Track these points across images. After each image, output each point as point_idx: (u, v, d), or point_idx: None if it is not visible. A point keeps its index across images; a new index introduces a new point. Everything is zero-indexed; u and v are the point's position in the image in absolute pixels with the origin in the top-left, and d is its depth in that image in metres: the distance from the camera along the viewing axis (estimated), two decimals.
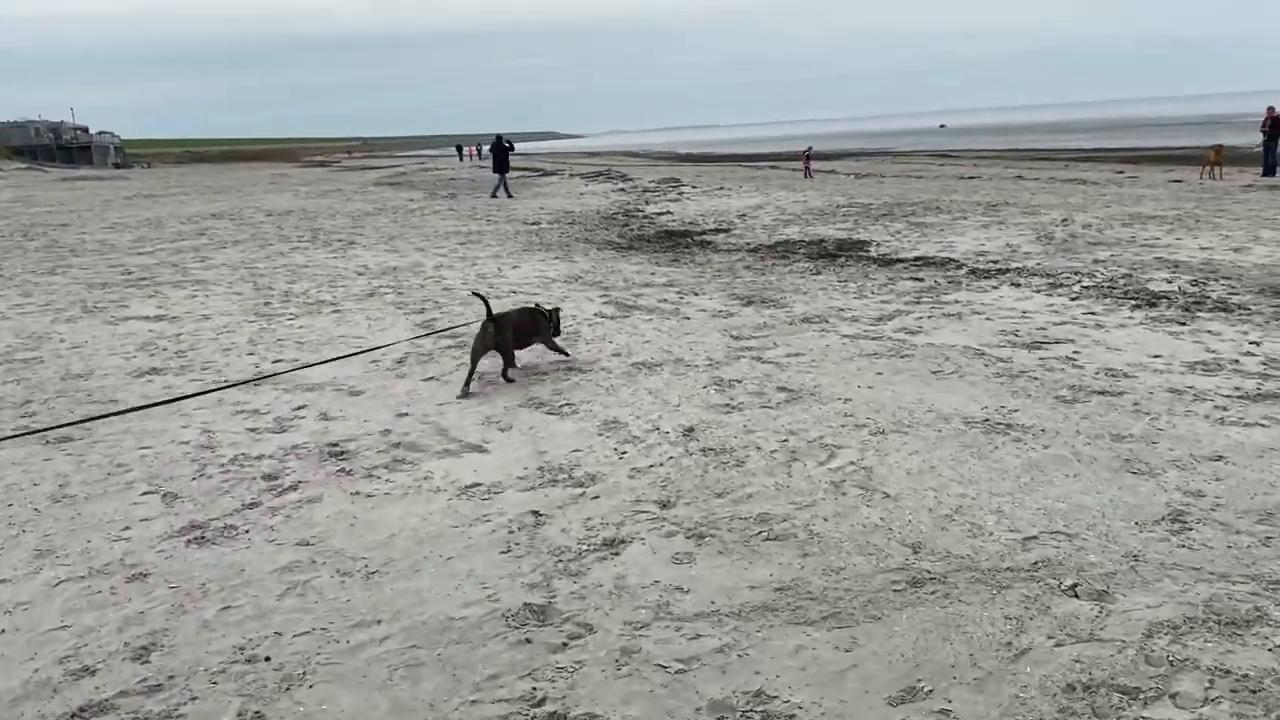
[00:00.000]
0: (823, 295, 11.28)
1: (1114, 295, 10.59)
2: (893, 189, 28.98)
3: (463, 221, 24.19)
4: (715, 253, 16.61)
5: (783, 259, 15.23)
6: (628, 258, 16.22)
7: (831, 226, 19.47)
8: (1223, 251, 13.80)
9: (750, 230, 19.97)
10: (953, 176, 35.61)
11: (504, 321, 7.48)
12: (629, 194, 31.72)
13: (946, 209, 21.44)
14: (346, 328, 10.03)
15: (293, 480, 5.63)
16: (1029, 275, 12.27)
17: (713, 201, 26.89)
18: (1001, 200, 23.25)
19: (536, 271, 14.56)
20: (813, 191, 28.44)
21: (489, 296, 11.22)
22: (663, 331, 9.17)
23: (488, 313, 7.42)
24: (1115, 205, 21.40)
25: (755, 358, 7.91)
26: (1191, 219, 17.89)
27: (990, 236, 16.60)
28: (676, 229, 20.86)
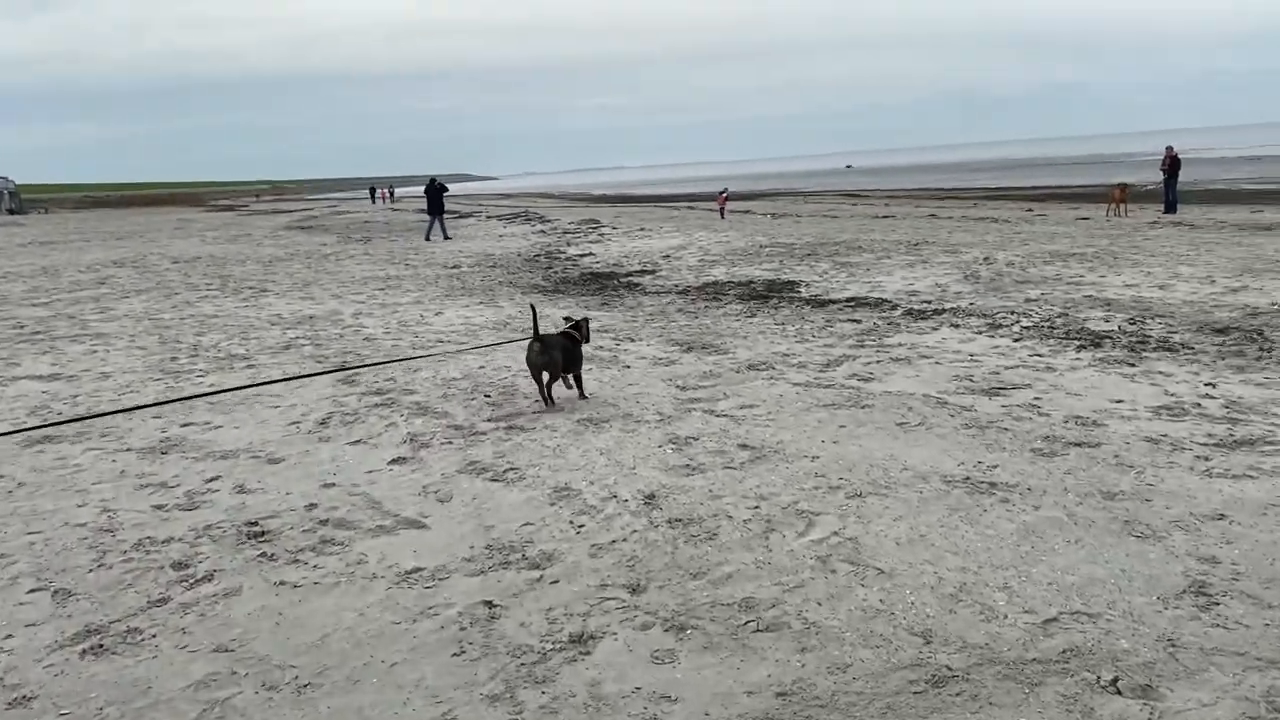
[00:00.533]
0: (763, 339, 10.91)
1: (1056, 335, 10.43)
2: (811, 229, 29.06)
3: (379, 266, 23.42)
4: (644, 295, 16.22)
5: (714, 301, 14.89)
6: (555, 301, 15.70)
7: (757, 267, 19.26)
8: (1148, 289, 13.88)
9: (676, 271, 19.65)
10: (867, 216, 36.01)
11: (550, 342, 7.63)
12: (549, 235, 31.27)
13: (869, 248, 21.44)
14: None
15: (207, 569, 4.95)
16: (965, 315, 12.11)
17: (635, 242, 26.57)
18: (920, 239, 23.38)
19: (461, 318, 13.95)
20: (733, 232, 28.34)
21: (415, 348, 10.81)
22: (604, 383, 8.67)
23: (535, 331, 7.66)
24: (1032, 243, 21.65)
25: (708, 410, 7.45)
26: (1110, 256, 18.11)
27: (917, 276, 16.53)
28: (601, 271, 20.45)
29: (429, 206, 31.84)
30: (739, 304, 14.43)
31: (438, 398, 8.20)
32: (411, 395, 8.45)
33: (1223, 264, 16.11)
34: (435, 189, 31.87)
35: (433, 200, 31.56)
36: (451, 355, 9.56)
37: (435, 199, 31.54)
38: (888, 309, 13.13)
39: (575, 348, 7.91)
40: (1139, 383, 8.04)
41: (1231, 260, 16.56)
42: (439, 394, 8.38)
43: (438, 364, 9.88)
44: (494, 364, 9.75)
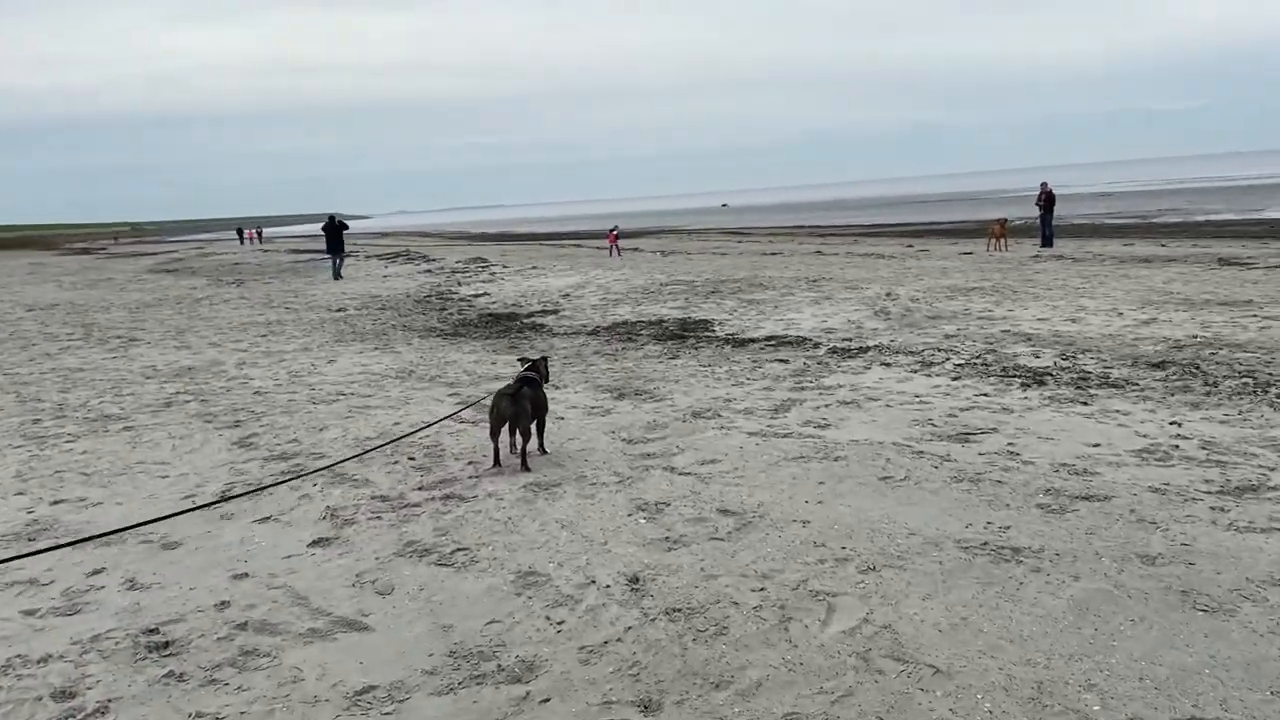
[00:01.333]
0: (696, 383, 10.27)
1: (994, 373, 10.11)
2: (706, 265, 28.78)
3: (257, 310, 21.99)
4: (553, 336, 15.44)
5: (628, 341, 14.22)
6: (458, 346, 14.78)
7: (663, 305, 18.71)
8: (1061, 323, 13.82)
9: (580, 311, 18.95)
10: (756, 253, 36.05)
11: (519, 392, 6.86)
12: (437, 275, 30.17)
13: (770, 285, 21.17)
14: (145, 450, 8.13)
15: (99, 698, 3.96)
16: (891, 353, 11.75)
17: (529, 281, 25.78)
18: (818, 275, 23.29)
19: (359, 366, 12.91)
20: (629, 269, 27.82)
21: (314, 401, 9.74)
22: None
23: (516, 383, 6.95)
24: (927, 278, 21.74)
25: (667, 468, 6.73)
26: (1009, 290, 18.20)
27: (827, 313, 16.22)
28: (501, 312, 19.59)
29: (328, 245, 30.87)
30: (656, 344, 13.79)
31: (352, 461, 7.25)
32: (321, 459, 7.46)
33: (1121, 296, 16.31)
34: (335, 227, 30.98)
35: (332, 239, 30.68)
36: (418, 430, 8.57)
37: (335, 237, 30.68)
38: (810, 347, 12.69)
39: (540, 393, 7.21)
40: (1104, 423, 7.68)
41: (1128, 293, 16.81)
42: (358, 460, 7.43)
43: (344, 419, 8.90)
44: (409, 418, 8.82)
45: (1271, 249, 25.78)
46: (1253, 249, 26.01)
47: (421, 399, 9.76)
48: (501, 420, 6.90)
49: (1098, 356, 10.87)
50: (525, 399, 6.93)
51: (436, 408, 9.21)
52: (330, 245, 30.87)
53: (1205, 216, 47.74)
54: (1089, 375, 9.80)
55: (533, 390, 7.08)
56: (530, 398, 6.99)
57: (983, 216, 63.32)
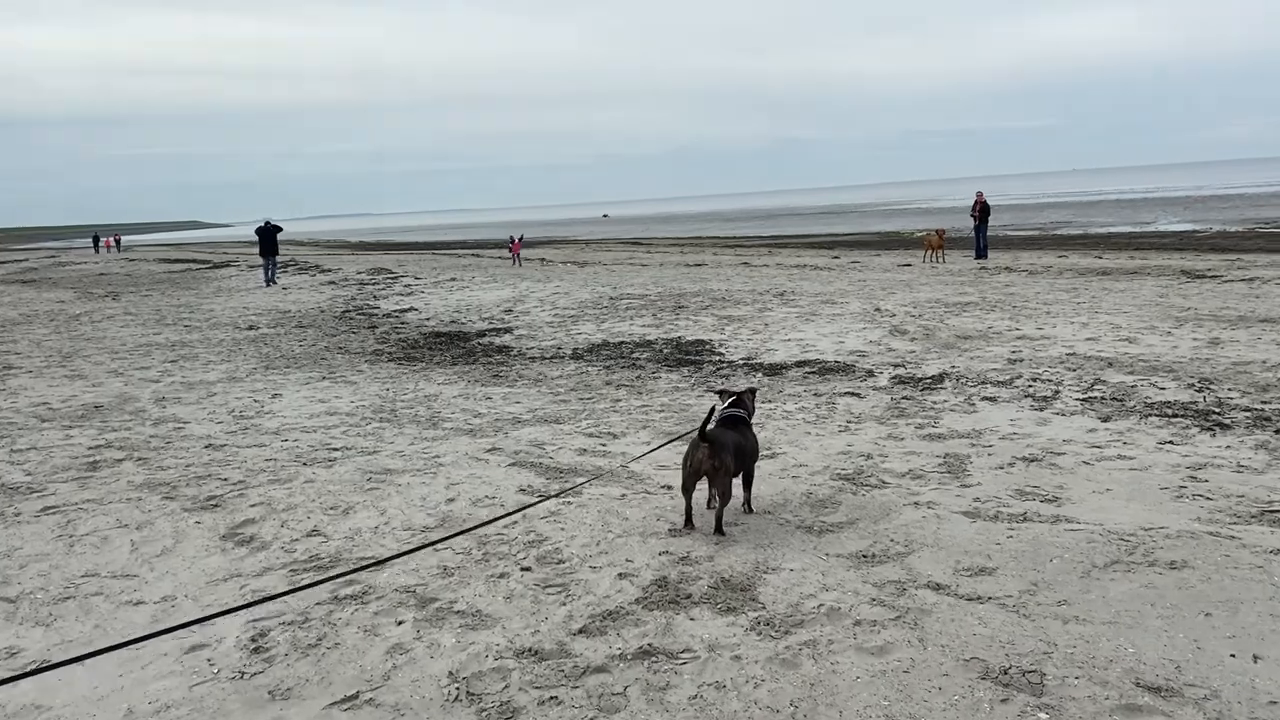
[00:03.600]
0: (784, 426, 8.28)
1: (1141, 411, 8.40)
2: (637, 278, 26.80)
3: (151, 327, 18.95)
4: (531, 361, 13.23)
5: (632, 368, 12.14)
6: (424, 374, 12.42)
7: (632, 323, 16.68)
8: (1115, 342, 12.45)
9: (536, 329, 16.75)
10: (678, 264, 34.27)
11: (722, 440, 5.33)
12: (343, 287, 27.33)
13: (734, 299, 19.37)
14: (90, 551, 5.60)
15: None
16: (971, 384, 10.04)
17: (455, 295, 23.35)
18: (776, 289, 21.66)
19: (316, 401, 10.49)
20: (560, 282, 25.63)
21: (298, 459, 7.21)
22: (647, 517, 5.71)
23: (703, 426, 5.38)
24: (899, 292, 20.38)
25: (929, 584, 4.61)
26: (1007, 306, 16.88)
27: (832, 331, 14.51)
28: (445, 330, 17.20)
29: (262, 249, 30.29)
30: (669, 371, 11.77)
31: (435, 573, 4.92)
32: (385, 572, 5.08)
33: (1139, 313, 15.13)
34: (269, 230, 30.51)
35: (267, 242, 30.22)
36: (575, 490, 6.26)
37: (270, 240, 30.28)
38: (862, 375, 10.89)
39: (749, 436, 5.72)
40: None
41: (1141, 309, 15.67)
42: (435, 567, 5.05)
43: (365, 491, 6.52)
44: (460, 488, 6.50)
45: (1219, 260, 25.39)
46: (1210, 261, 25.59)
47: (451, 456, 7.44)
48: (696, 474, 5.33)
49: (1232, 387, 9.29)
50: (727, 449, 5.29)
51: (484, 470, 6.91)
52: (265, 249, 30.26)
53: (1105, 229, 48.46)
54: (1263, 414, 8.16)
55: (738, 434, 5.51)
56: (735, 444, 5.39)
57: (867, 229, 63.52)
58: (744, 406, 5.78)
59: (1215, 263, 25.14)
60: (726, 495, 5.30)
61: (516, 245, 36.86)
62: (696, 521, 5.43)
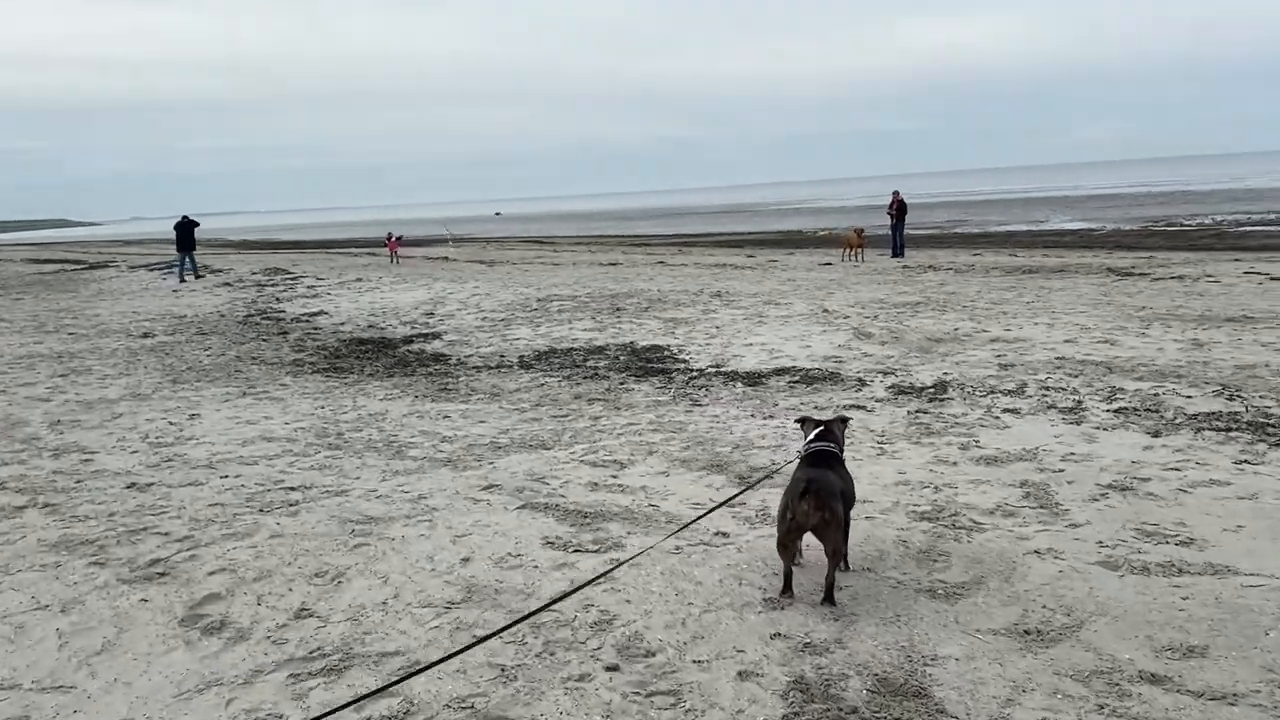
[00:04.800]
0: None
1: (1193, 425, 7.73)
2: (556, 278, 25.67)
3: (29, 335, 16.99)
4: (477, 371, 12.04)
5: (594, 379, 11.09)
6: (359, 387, 11.13)
7: (572, 327, 15.60)
8: (1093, 345, 11.96)
9: (467, 334, 15.54)
10: (591, 264, 33.18)
11: (828, 487, 4.37)
12: (239, 289, 25.42)
13: (671, 301, 18.46)
14: (14, 654, 4.24)
15: None
16: (978, 393, 9.32)
17: (365, 297, 21.83)
18: (716, 289, 20.85)
19: (244, 423, 9.15)
20: (479, 282, 24.31)
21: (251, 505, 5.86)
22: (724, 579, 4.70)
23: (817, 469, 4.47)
24: (838, 292, 19.81)
25: (1143, 676, 3.72)
26: (958, 306, 16.39)
27: (792, 335, 13.73)
28: (366, 337, 15.81)
29: (179, 243, 29.68)
30: (636, 381, 10.76)
31: (491, 677, 3.75)
32: (423, 677, 3.83)
33: (1097, 314, 14.77)
34: (187, 224, 29.89)
35: (184, 237, 29.61)
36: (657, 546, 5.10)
37: (187, 235, 29.69)
38: (854, 385, 10.09)
39: (847, 479, 4.76)
40: None
41: (1096, 307, 15.35)
42: (487, 666, 3.84)
43: (353, 550, 5.31)
44: (472, 541, 5.33)
45: (1134, 259, 25.62)
46: (1127, 259, 25.80)
47: (440, 496, 6.26)
48: (800, 529, 4.37)
49: (1262, 395, 8.71)
50: (835, 496, 4.38)
51: (490, 516, 5.76)
52: (182, 243, 29.63)
53: (1002, 228, 49.26)
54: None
55: (840, 478, 4.59)
56: (841, 491, 4.47)
57: (766, 228, 63.49)
58: (833, 438, 4.79)
59: (1133, 260, 25.37)
60: (838, 554, 4.32)
61: (393, 244, 35.87)
62: (795, 587, 4.41)
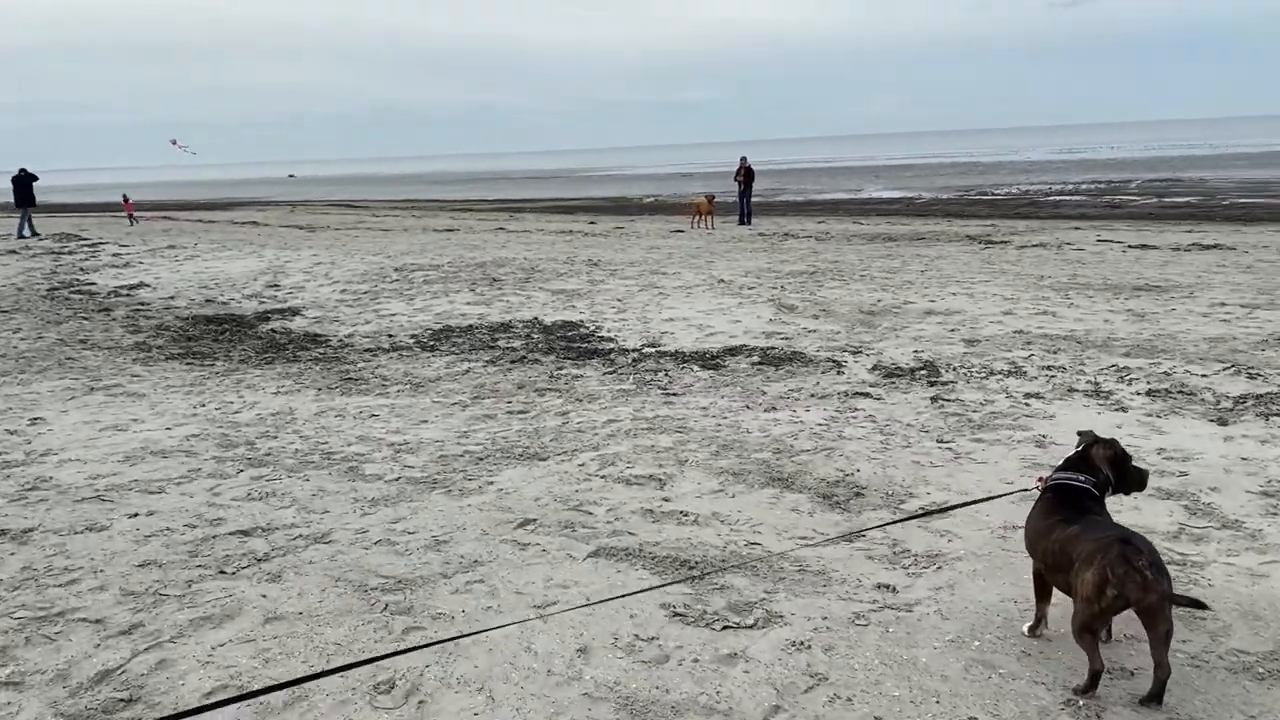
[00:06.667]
0: (862, 451, 6.22)
1: (1211, 407, 7.15)
2: (400, 245, 23.71)
3: None
4: (372, 356, 10.36)
5: (524, 362, 9.61)
6: (237, 378, 9.29)
7: (450, 301, 14.05)
8: (1036, 319, 11.45)
9: (330, 309, 13.72)
10: (423, 229, 31.04)
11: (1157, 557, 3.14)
12: (30, 258, 21.99)
13: (553, 271, 17.05)
14: None
15: None
16: (968, 374, 8.55)
17: (187, 266, 19.26)
18: (586, 258, 19.53)
19: (107, 424, 7.29)
20: (319, 250, 21.98)
21: (186, 553, 4.20)
22: (966, 664, 3.52)
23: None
24: (718, 260, 18.96)
25: None
26: (856, 276, 15.80)
27: (709, 308, 12.72)
28: (210, 314, 13.67)
29: (18, 199, 28.79)
30: (576, 366, 9.36)
31: None
32: None
33: (1000, 280, 14.46)
34: (24, 178, 28.80)
35: (22, 191, 28.69)
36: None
37: (25, 189, 28.71)
38: (827, 366, 9.10)
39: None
40: None
41: (995, 276, 15.00)
42: None
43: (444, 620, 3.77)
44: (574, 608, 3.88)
45: (980, 227, 25.98)
46: (973, 227, 26.12)
47: (463, 539, 4.71)
48: (1120, 608, 3.15)
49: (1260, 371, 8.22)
50: (1163, 564, 3.17)
51: (561, 570, 4.28)
52: (20, 198, 28.67)
53: (824, 196, 49.99)
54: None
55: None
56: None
57: (589, 194, 62.32)
58: (1090, 469, 3.59)
59: (984, 229, 25.70)
60: (1170, 635, 3.14)
61: (130, 205, 35.69)
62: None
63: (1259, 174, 50.08)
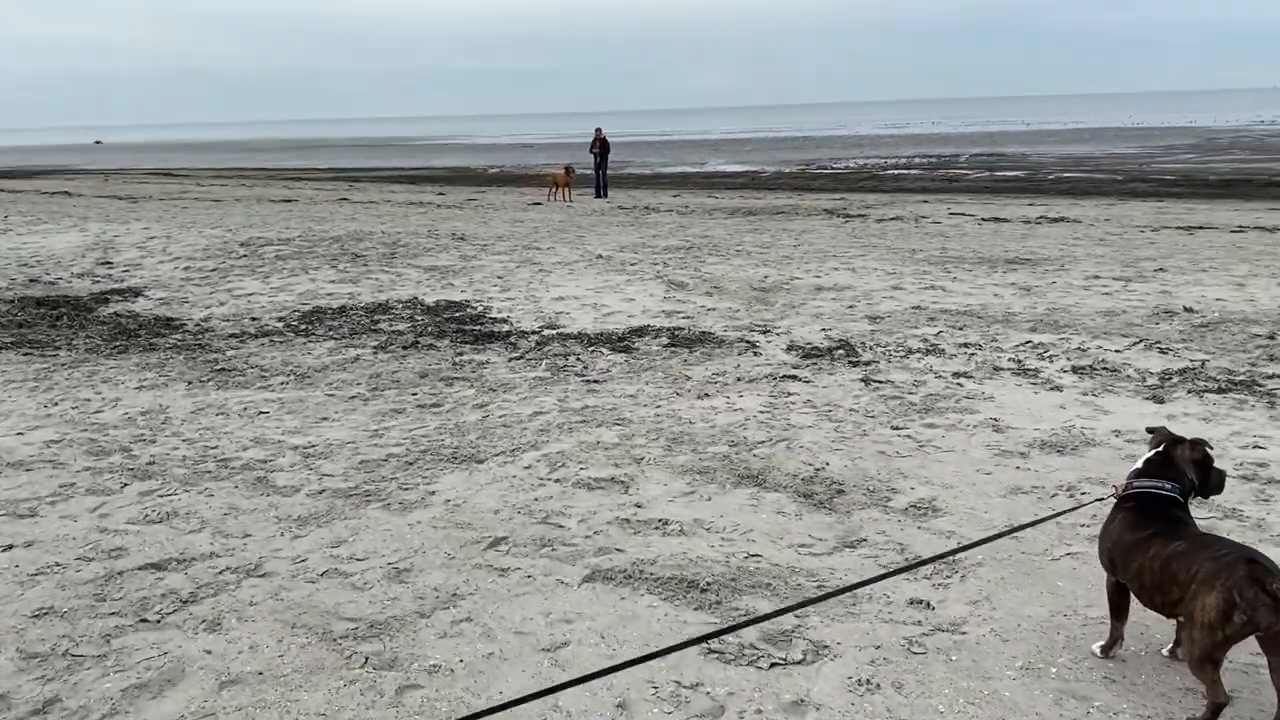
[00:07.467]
0: (825, 443, 5.87)
1: (1139, 384, 7.20)
2: (239, 217, 22.20)
3: None
4: (241, 343, 9.44)
5: (416, 347, 8.89)
6: (88, 371, 8.25)
7: (312, 279, 13.16)
8: (922, 294, 11.45)
9: (176, 289, 12.64)
10: (265, 200, 29.29)
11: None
12: None
13: (421, 246, 16.18)
14: None
15: None
16: (888, 353, 8.38)
17: (2, 241, 17.27)
18: (446, 231, 18.70)
19: None
20: (150, 223, 20.20)
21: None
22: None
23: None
24: (589, 235, 18.53)
25: None
26: (733, 251, 15.61)
27: (597, 286, 12.29)
28: (41, 295, 12.37)
29: None
30: (476, 352, 8.71)
31: None
32: None
33: (873, 254, 14.53)
34: None
35: None
36: None
37: None
38: (741, 348, 8.77)
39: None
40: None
41: (867, 250, 15.07)
42: None
43: None
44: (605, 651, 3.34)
45: (832, 200, 26.34)
46: (824, 200, 26.45)
47: (452, 572, 4.07)
48: (1246, 634, 2.82)
49: (1184, 346, 8.34)
50: None
51: (571, 603, 3.72)
52: None
53: (670, 169, 49.95)
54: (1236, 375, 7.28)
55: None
56: None
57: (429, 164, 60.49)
58: (1174, 472, 3.29)
59: (836, 203, 26.05)
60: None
61: None
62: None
63: (1072, 149, 53.13)
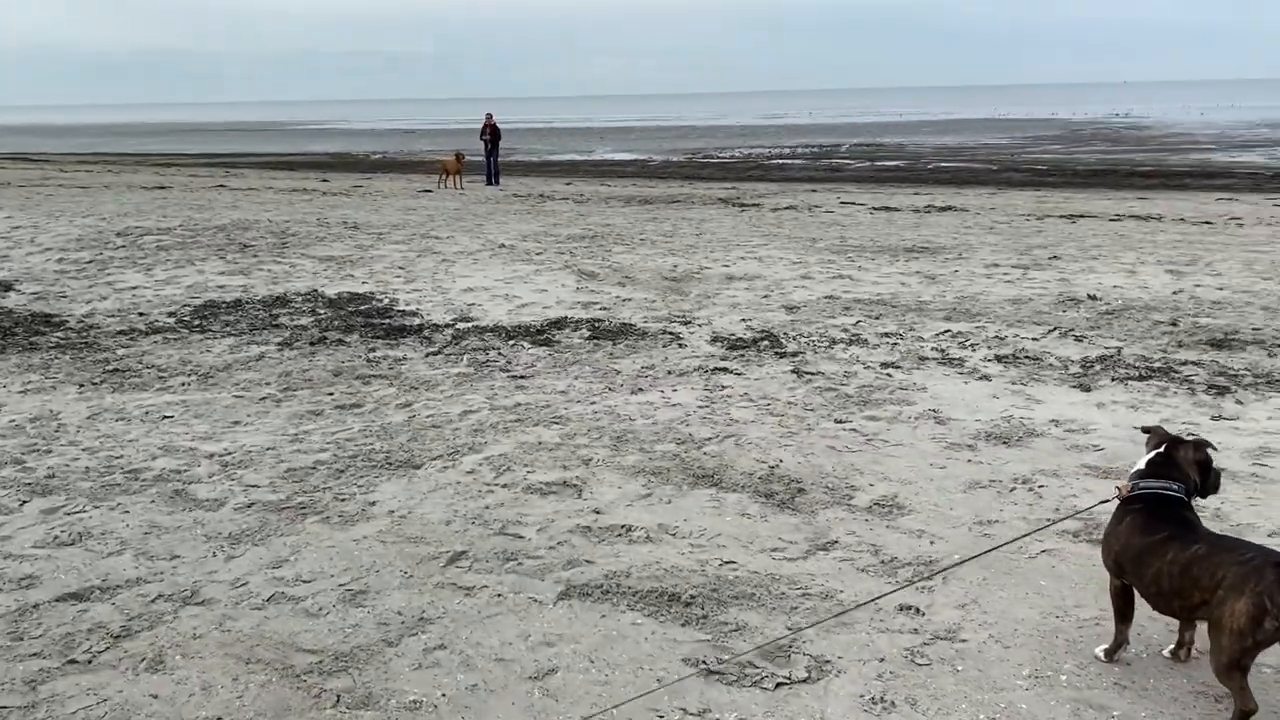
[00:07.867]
0: (764, 439, 5.74)
1: (1061, 372, 7.34)
2: (114, 205, 20.97)
3: None
4: (130, 340, 8.88)
5: (325, 343, 8.46)
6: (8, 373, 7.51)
7: (201, 270, 12.53)
8: (836, 283, 11.52)
9: (51, 283, 11.88)
10: (136, 186, 27.77)
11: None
12: None
13: (312, 235, 15.54)
14: None
15: None
16: (813, 344, 8.36)
17: None
18: (337, 219, 18.02)
19: None
20: (8, 210, 18.88)
21: None
22: None
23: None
24: (487, 223, 18.14)
25: None
26: (639, 240, 15.49)
27: (505, 276, 12.04)
28: None
29: None
30: (390, 348, 8.34)
31: None
32: None
33: (776, 243, 14.58)
34: None
35: None
36: None
37: None
38: (665, 340, 8.63)
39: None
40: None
41: (770, 239, 15.14)
42: None
43: None
44: (600, 677, 3.08)
45: (725, 189, 26.46)
46: (717, 189, 26.55)
47: (413, 596, 3.76)
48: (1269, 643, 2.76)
49: (1096, 335, 8.51)
50: None
51: (549, 623, 3.48)
52: None
53: (558, 157, 49.54)
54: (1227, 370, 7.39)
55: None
56: None
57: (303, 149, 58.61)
58: (1177, 473, 3.22)
59: (729, 191, 26.15)
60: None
61: None
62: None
63: (947, 140, 54.79)
